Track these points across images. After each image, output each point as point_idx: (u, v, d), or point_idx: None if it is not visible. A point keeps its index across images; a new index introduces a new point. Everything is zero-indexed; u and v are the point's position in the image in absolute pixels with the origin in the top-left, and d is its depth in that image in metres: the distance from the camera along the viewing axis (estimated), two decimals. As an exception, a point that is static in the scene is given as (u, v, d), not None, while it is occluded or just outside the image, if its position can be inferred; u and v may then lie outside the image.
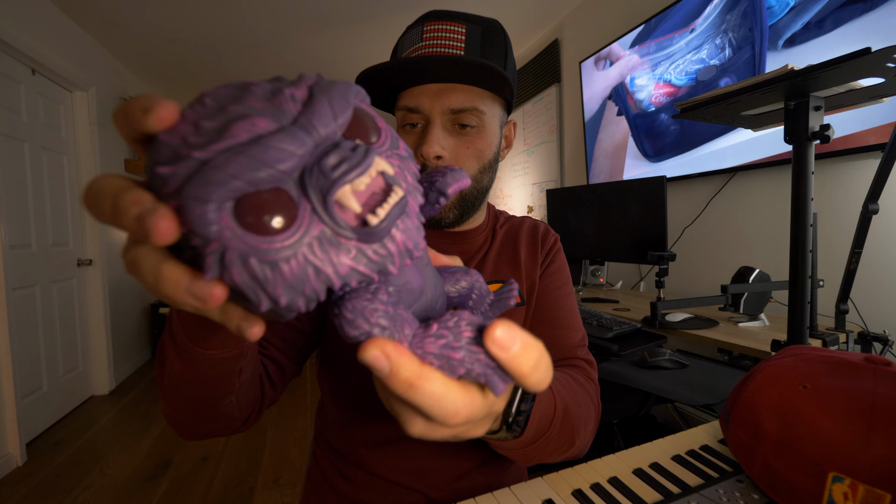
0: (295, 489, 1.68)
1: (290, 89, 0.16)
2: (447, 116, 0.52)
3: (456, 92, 0.51)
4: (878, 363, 0.39)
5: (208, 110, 0.15)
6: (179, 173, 0.14)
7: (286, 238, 0.15)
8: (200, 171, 0.14)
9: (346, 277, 0.17)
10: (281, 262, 0.15)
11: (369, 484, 0.55)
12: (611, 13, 2.23)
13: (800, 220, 0.78)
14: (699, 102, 0.86)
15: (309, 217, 0.16)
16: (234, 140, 0.14)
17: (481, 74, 0.50)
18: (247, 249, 0.15)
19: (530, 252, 0.63)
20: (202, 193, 0.14)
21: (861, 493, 0.32)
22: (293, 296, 0.16)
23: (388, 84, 0.53)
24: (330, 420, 0.59)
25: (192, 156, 0.14)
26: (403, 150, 0.19)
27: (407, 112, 0.53)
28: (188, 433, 0.43)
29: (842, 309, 1.07)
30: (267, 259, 0.15)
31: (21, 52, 2.02)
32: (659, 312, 1.26)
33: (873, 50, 0.61)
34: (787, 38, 1.40)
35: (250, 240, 0.15)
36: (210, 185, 0.14)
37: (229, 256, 0.15)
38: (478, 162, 0.55)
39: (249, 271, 0.15)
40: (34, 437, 2.07)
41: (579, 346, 0.59)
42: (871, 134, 1.19)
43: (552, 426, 0.40)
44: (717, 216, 1.71)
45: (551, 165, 2.83)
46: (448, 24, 0.52)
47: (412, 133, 0.54)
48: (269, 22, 2.58)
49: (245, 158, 0.14)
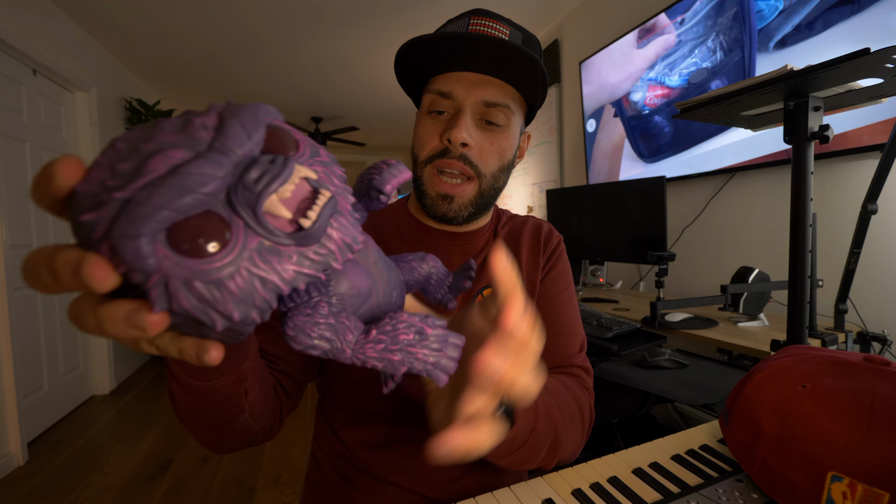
0: (295, 489, 1.68)
1: (200, 119, 0.16)
2: (479, 109, 0.52)
3: (492, 86, 0.51)
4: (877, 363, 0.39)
5: (121, 153, 0.15)
6: (104, 217, 0.14)
7: (225, 256, 0.16)
8: (125, 210, 0.14)
9: (293, 281, 0.17)
10: (226, 280, 0.16)
11: (368, 486, 0.55)
12: (611, 13, 2.23)
13: (799, 220, 0.79)
14: (699, 103, 0.86)
15: (244, 232, 0.16)
16: (152, 175, 0.15)
17: (521, 68, 0.50)
18: (189, 274, 0.15)
19: (532, 254, 0.62)
20: (131, 230, 0.14)
21: (860, 492, 0.32)
22: (245, 309, 0.16)
23: (424, 64, 0.52)
24: (329, 422, 0.59)
25: (113, 198, 0.14)
26: (325, 157, 0.20)
27: (438, 96, 0.52)
28: (215, 449, 0.44)
29: (841, 309, 1.07)
30: (211, 279, 0.15)
31: (22, 53, 2.02)
32: (659, 312, 1.26)
33: (872, 50, 0.61)
34: (778, 40, 1.41)
35: (190, 264, 0.15)
36: (137, 220, 0.14)
37: (173, 285, 0.15)
38: (499, 160, 0.55)
39: (197, 294, 0.15)
40: (35, 437, 2.08)
41: (577, 353, 0.58)
42: (866, 132, 1.20)
43: (537, 423, 0.40)
44: (716, 216, 1.71)
45: (551, 165, 2.83)
46: (495, 21, 0.52)
47: (438, 120, 0.53)
48: (269, 22, 2.58)
49: (167, 189, 0.14)
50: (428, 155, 0.54)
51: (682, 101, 0.90)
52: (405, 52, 0.51)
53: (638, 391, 1.22)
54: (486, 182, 0.54)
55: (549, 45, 2.74)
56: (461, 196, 0.54)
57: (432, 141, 0.53)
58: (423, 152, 0.54)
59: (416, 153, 0.56)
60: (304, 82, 3.61)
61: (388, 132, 5.52)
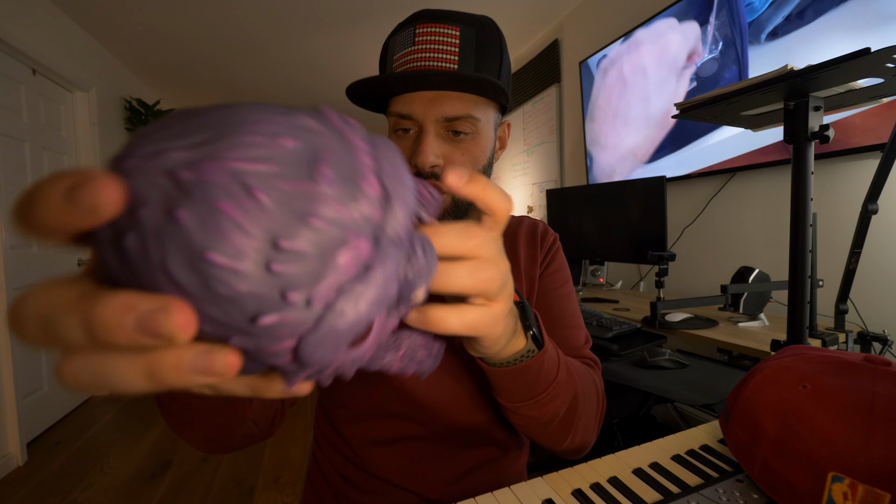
0: (295, 489, 1.68)
1: (366, 175, 0.16)
2: (441, 124, 0.51)
3: (450, 100, 0.50)
4: (878, 363, 0.39)
5: (278, 215, 0.13)
6: (294, 330, 0.12)
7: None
8: (322, 326, 0.13)
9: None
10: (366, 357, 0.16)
11: (369, 485, 0.55)
12: (611, 13, 2.23)
13: (799, 220, 0.79)
14: (699, 103, 0.86)
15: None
16: (341, 277, 0.13)
17: (475, 87, 0.49)
18: (346, 359, 0.15)
19: (529, 252, 0.63)
20: (331, 347, 0.13)
21: (860, 492, 0.32)
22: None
23: (378, 92, 0.52)
24: (330, 418, 0.59)
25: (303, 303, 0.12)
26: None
27: (399, 118, 0.52)
28: (214, 453, 0.44)
29: (841, 309, 1.07)
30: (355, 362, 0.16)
31: (22, 53, 2.02)
32: (659, 312, 1.26)
33: (873, 50, 0.61)
34: (770, 31, 1.42)
35: (351, 354, 0.15)
36: (338, 340, 0.13)
37: (329, 370, 0.15)
38: (473, 167, 0.54)
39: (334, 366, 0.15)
40: (35, 437, 2.07)
41: (584, 345, 0.59)
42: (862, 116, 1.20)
43: (559, 372, 0.41)
44: (716, 216, 1.71)
45: (551, 165, 2.83)
46: (441, 26, 0.51)
47: (405, 138, 0.53)
48: (268, 22, 2.58)
49: (367, 304, 0.14)
50: None
51: (682, 102, 0.90)
52: (352, 93, 0.51)
53: (638, 391, 1.22)
54: None
55: (549, 45, 2.74)
56: (436, 211, 0.52)
57: None
58: None
59: None
60: (303, 82, 3.61)
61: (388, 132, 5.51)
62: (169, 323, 0.11)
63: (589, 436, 0.50)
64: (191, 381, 0.13)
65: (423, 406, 0.53)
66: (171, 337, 0.11)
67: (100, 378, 0.13)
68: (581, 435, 0.48)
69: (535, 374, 0.39)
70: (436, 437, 0.55)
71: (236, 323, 0.12)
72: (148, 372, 0.13)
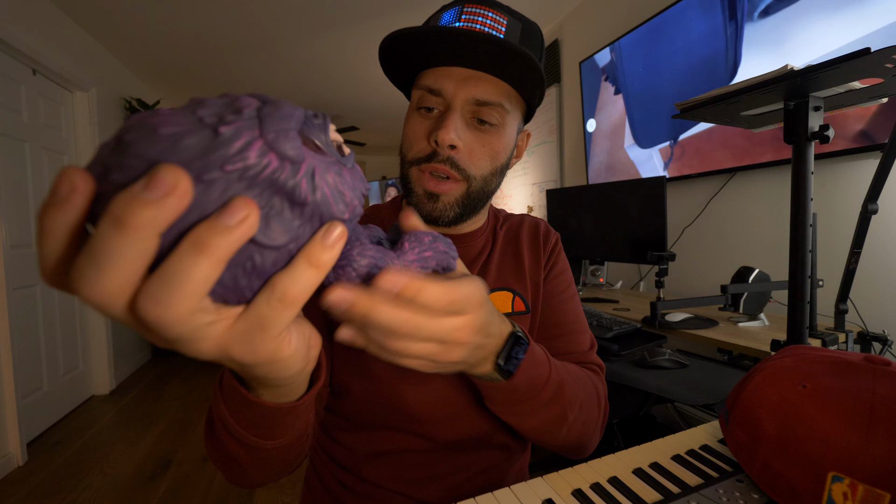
0: (295, 489, 1.68)
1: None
2: (469, 107, 0.48)
3: (484, 82, 0.48)
4: (878, 363, 0.39)
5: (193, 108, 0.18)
6: (245, 124, 0.17)
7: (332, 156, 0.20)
8: (265, 117, 0.17)
9: (361, 193, 0.22)
10: (345, 170, 0.20)
11: (366, 493, 0.54)
12: (611, 13, 2.23)
13: (799, 220, 0.79)
14: (699, 102, 0.86)
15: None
16: (251, 107, 0.18)
17: (517, 66, 0.46)
18: (324, 165, 0.19)
19: (533, 255, 0.61)
20: (283, 125, 0.18)
21: (860, 492, 0.32)
22: (355, 196, 0.21)
23: (411, 58, 0.49)
24: (328, 429, 0.58)
25: (243, 114, 0.17)
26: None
27: (427, 93, 0.49)
28: (251, 487, 0.46)
29: (841, 309, 1.07)
30: (336, 169, 0.20)
31: (22, 53, 2.02)
32: (659, 312, 1.26)
33: (873, 50, 0.61)
34: (762, 9, 1.46)
35: (322, 158, 0.19)
36: (284, 119, 0.18)
37: (318, 173, 0.19)
38: (491, 163, 0.51)
39: (332, 181, 0.20)
40: (35, 437, 2.07)
41: (588, 350, 0.58)
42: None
43: (545, 389, 0.41)
44: (717, 216, 1.71)
45: (551, 165, 2.83)
46: (490, 10, 0.48)
47: (427, 117, 0.50)
48: (268, 22, 2.58)
49: (279, 109, 0.18)
50: (415, 157, 0.51)
51: (682, 102, 0.90)
52: (389, 45, 0.47)
53: (638, 391, 1.22)
54: (476, 185, 0.51)
55: (549, 44, 2.74)
56: (447, 195, 0.50)
57: (420, 142, 0.50)
58: (409, 153, 0.51)
59: (404, 153, 0.53)
60: (304, 82, 3.61)
61: (388, 132, 5.51)
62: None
63: (587, 439, 0.50)
64: (325, 254, 0.19)
65: (424, 420, 0.52)
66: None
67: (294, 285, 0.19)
68: (578, 431, 0.48)
69: (510, 393, 0.39)
70: (437, 449, 0.54)
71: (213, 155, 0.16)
72: (313, 259, 0.19)
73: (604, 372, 0.58)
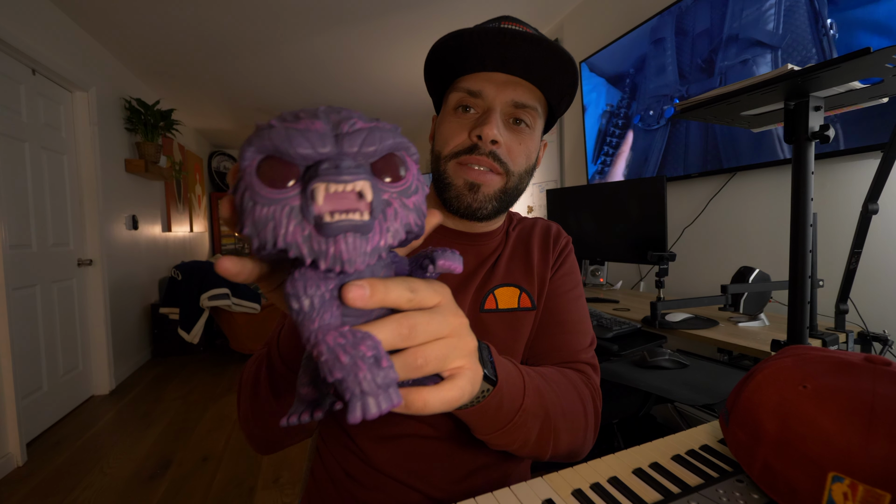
0: (295, 489, 1.68)
1: (356, 119, 0.21)
2: (508, 109, 0.53)
3: (521, 87, 0.53)
4: (878, 363, 0.39)
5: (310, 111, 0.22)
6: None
7: (277, 192, 0.20)
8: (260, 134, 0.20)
9: (288, 245, 0.20)
10: (258, 205, 0.20)
11: (373, 482, 0.55)
12: (611, 13, 2.23)
13: (800, 220, 0.78)
14: (699, 102, 0.86)
15: (297, 190, 0.20)
16: (294, 124, 0.20)
17: (556, 68, 0.51)
18: (254, 189, 0.20)
19: (542, 255, 0.63)
20: (246, 143, 0.20)
21: (861, 492, 0.32)
22: (253, 232, 0.20)
23: (455, 61, 0.53)
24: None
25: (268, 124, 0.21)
26: (414, 202, 0.23)
27: (466, 94, 0.53)
28: (268, 451, 0.52)
29: (841, 309, 1.07)
30: (254, 199, 0.20)
31: (21, 53, 2.02)
32: (659, 312, 1.26)
33: (873, 50, 0.61)
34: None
35: (257, 184, 0.20)
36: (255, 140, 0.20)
37: (241, 187, 0.20)
38: (526, 161, 0.56)
39: (242, 201, 0.20)
40: (34, 437, 2.08)
41: (585, 350, 0.59)
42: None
43: (525, 400, 0.42)
44: (717, 216, 1.71)
45: (551, 165, 2.83)
46: (525, 28, 0.53)
47: (465, 117, 0.54)
48: (268, 21, 2.58)
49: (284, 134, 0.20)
50: (453, 150, 0.54)
51: (682, 102, 0.90)
52: (444, 44, 0.51)
53: (638, 391, 1.22)
54: (513, 180, 0.55)
55: (549, 44, 2.74)
56: (488, 185, 0.54)
57: (459, 136, 0.54)
58: (447, 147, 0.55)
59: (439, 149, 0.56)
60: (304, 81, 3.61)
61: (388, 132, 5.51)
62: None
63: (576, 445, 0.50)
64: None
65: None
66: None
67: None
68: (565, 445, 0.48)
69: (494, 411, 0.39)
70: (442, 437, 0.55)
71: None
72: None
73: (597, 373, 0.58)
